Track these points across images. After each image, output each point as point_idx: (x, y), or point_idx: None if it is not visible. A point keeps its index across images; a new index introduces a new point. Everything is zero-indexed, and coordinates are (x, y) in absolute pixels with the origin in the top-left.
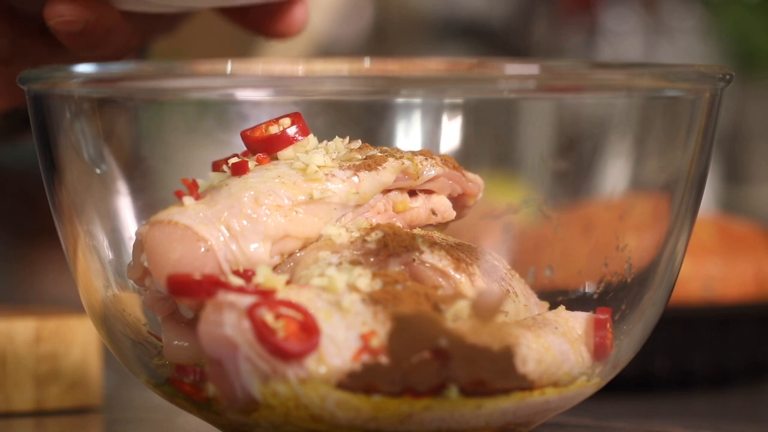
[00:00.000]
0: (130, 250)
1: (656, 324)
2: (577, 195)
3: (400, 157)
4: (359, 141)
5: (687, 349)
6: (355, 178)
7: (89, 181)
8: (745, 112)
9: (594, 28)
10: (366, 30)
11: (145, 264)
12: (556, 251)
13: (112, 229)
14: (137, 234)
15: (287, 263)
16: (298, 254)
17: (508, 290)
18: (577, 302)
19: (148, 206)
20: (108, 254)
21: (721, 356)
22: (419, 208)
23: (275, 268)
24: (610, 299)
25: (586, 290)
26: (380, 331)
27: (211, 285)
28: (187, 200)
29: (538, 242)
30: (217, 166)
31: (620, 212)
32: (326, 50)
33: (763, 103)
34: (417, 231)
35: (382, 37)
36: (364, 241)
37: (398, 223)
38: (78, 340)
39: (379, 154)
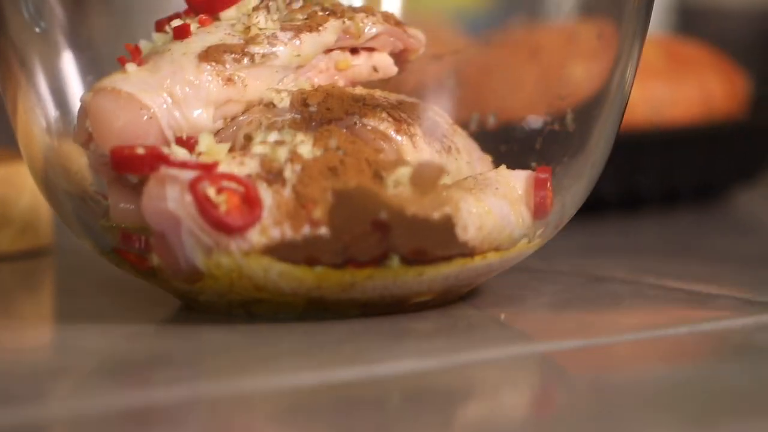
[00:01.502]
0: (72, 102)
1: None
2: (524, 17)
3: (341, 17)
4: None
5: (634, 172)
6: (297, 41)
7: (29, 36)
8: None
9: None
10: None
11: (90, 130)
12: (500, 89)
13: (54, 79)
14: (81, 101)
15: (230, 127)
16: (241, 118)
17: (449, 147)
18: (520, 153)
19: (92, 62)
20: (50, 109)
21: (668, 178)
22: (361, 66)
23: (218, 133)
24: (553, 150)
25: (531, 126)
26: (322, 202)
27: (154, 159)
28: (130, 67)
29: (481, 82)
30: (160, 26)
31: (567, 37)
32: None
33: None
34: (359, 89)
35: None
36: (306, 104)
37: (340, 82)
38: (28, 186)
39: (321, 12)
